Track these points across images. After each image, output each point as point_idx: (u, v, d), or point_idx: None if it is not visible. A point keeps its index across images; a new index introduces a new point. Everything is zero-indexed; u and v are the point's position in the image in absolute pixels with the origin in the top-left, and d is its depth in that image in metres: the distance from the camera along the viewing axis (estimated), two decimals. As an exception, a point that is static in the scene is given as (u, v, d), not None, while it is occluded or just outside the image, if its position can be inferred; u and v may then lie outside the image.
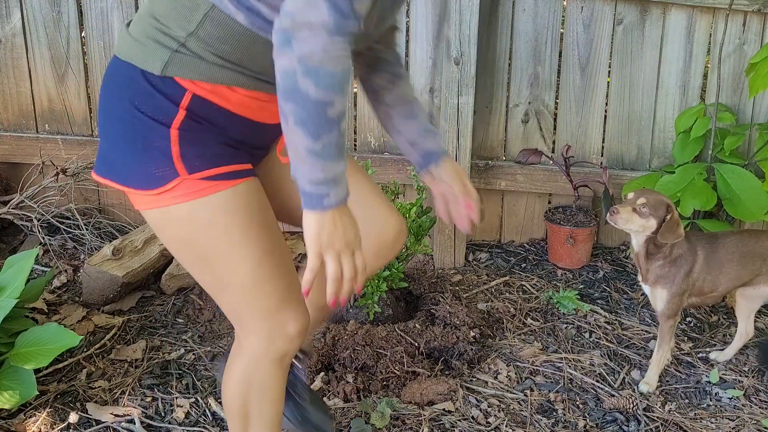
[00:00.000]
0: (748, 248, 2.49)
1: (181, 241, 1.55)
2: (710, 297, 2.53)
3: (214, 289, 1.59)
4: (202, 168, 1.47)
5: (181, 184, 1.47)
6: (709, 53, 3.10)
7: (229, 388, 1.67)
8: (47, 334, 2.26)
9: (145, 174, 1.47)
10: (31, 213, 3.07)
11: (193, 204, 1.48)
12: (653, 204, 2.35)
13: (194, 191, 1.47)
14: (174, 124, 1.45)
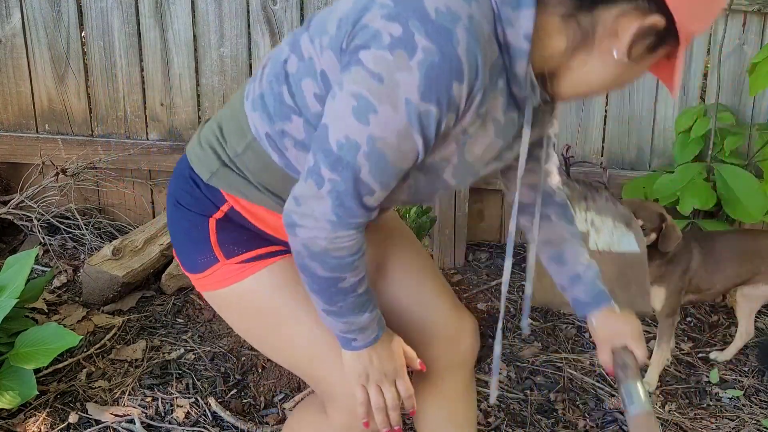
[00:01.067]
0: (746, 247, 2.50)
1: (238, 325, 1.56)
2: (708, 294, 2.54)
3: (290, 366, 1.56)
4: (238, 252, 1.48)
5: (222, 269, 1.48)
6: (709, 53, 3.10)
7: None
8: (47, 334, 2.26)
9: (193, 261, 1.51)
10: (31, 213, 3.07)
11: (235, 288, 1.49)
12: (648, 217, 2.37)
13: (234, 275, 1.48)
14: (213, 216, 1.48)
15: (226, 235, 1.49)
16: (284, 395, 2.38)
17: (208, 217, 1.48)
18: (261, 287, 1.50)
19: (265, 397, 2.37)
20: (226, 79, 3.13)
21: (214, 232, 1.49)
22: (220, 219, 1.48)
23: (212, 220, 1.48)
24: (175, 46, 3.08)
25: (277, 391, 2.40)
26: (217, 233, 1.49)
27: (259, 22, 3.06)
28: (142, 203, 3.23)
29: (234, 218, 1.49)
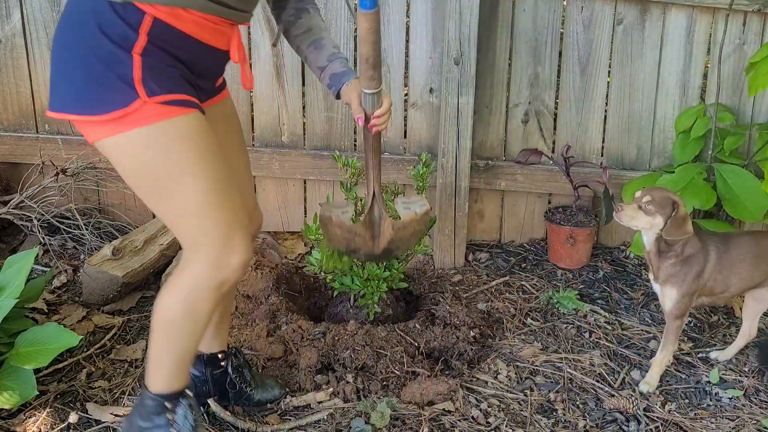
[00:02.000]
0: (761, 250, 2.48)
1: (140, 168, 1.65)
2: (721, 297, 2.52)
3: (170, 216, 1.73)
4: (160, 92, 1.60)
5: (142, 108, 1.58)
6: (709, 53, 3.10)
7: (165, 300, 1.81)
8: (47, 334, 2.26)
9: (105, 99, 1.58)
10: (31, 213, 3.07)
11: (152, 128, 1.60)
12: (659, 201, 2.34)
13: (154, 114, 1.59)
14: (136, 49, 1.58)
15: (149, 74, 1.59)
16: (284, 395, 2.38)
17: (131, 51, 1.57)
18: (180, 132, 1.63)
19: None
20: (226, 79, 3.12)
21: (139, 68, 1.58)
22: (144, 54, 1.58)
23: (136, 55, 1.58)
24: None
25: (277, 391, 2.40)
26: (142, 70, 1.58)
27: (259, 23, 3.06)
28: (141, 203, 3.23)
29: (158, 36, 1.60)
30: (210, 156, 1.69)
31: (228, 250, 1.74)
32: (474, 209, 3.32)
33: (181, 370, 1.91)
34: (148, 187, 1.69)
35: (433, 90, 3.12)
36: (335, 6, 3.02)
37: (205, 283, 1.77)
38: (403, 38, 3.07)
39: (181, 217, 1.72)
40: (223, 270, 1.75)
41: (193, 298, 1.78)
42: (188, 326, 1.83)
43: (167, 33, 1.62)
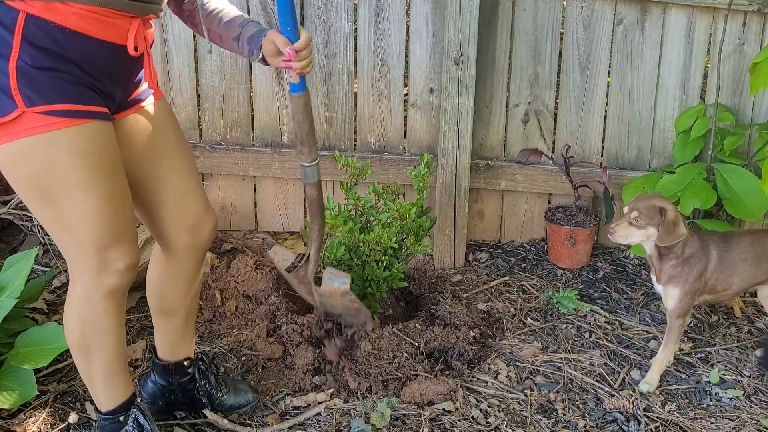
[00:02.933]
0: (763, 249, 2.49)
1: (23, 179, 1.60)
2: (724, 295, 2.53)
3: (52, 228, 1.69)
4: (40, 102, 1.52)
5: (21, 118, 1.52)
6: (709, 53, 3.10)
7: (67, 324, 1.82)
8: (47, 334, 2.26)
9: None
10: (31, 213, 3.07)
11: (33, 140, 1.54)
12: (647, 212, 2.36)
13: (35, 126, 1.52)
14: (12, 56, 1.49)
15: (27, 83, 1.51)
16: (284, 395, 2.38)
17: (7, 59, 1.49)
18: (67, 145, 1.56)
19: (265, 397, 2.37)
20: (226, 79, 3.13)
21: (14, 77, 1.50)
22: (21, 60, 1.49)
23: (12, 63, 1.49)
24: (175, 46, 3.08)
25: (277, 391, 2.40)
26: (18, 79, 1.50)
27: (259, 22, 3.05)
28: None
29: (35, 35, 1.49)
30: (97, 171, 1.62)
31: (109, 258, 1.72)
32: (474, 209, 3.32)
33: (119, 382, 1.91)
34: (32, 199, 1.65)
35: (433, 90, 3.12)
36: (335, 6, 3.02)
37: (94, 294, 1.76)
38: (403, 38, 3.07)
39: (60, 229, 1.68)
40: (108, 278, 1.74)
41: (89, 311, 1.78)
42: (99, 339, 1.82)
43: (45, 30, 1.51)
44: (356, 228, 2.52)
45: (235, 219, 3.33)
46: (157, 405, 2.21)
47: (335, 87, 3.12)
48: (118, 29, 1.63)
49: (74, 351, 1.85)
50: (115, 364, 1.88)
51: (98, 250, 1.70)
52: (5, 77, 1.50)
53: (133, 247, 1.77)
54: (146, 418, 1.96)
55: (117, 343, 1.86)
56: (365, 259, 2.54)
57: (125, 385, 1.93)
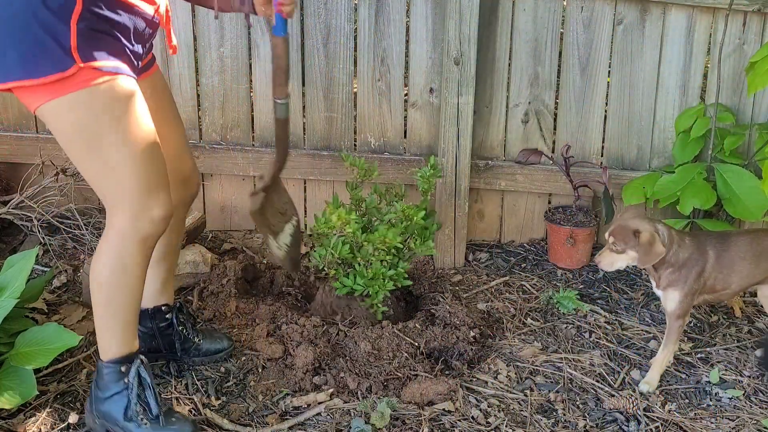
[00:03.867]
0: (762, 247, 2.49)
1: (74, 128, 1.81)
2: (723, 294, 2.54)
3: (97, 175, 1.88)
4: (95, 59, 1.76)
5: (78, 73, 1.74)
6: (709, 53, 3.10)
7: (98, 261, 1.97)
8: (47, 334, 2.26)
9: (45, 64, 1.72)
10: (31, 213, 3.07)
11: (88, 91, 1.76)
12: (622, 237, 2.39)
13: (89, 78, 1.75)
14: (73, 18, 1.72)
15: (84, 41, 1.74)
16: (284, 395, 2.38)
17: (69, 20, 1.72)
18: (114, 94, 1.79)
19: (265, 397, 2.37)
20: (226, 79, 3.13)
21: (75, 36, 1.73)
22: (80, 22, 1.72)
23: (73, 24, 1.72)
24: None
25: (277, 391, 2.40)
26: (78, 38, 1.73)
27: (259, 22, 3.06)
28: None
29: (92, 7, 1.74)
30: (138, 119, 1.85)
31: (148, 203, 1.90)
32: (474, 209, 3.32)
33: (129, 333, 2.06)
34: (80, 146, 1.84)
35: (433, 90, 3.12)
36: (335, 6, 3.02)
37: (129, 237, 1.93)
38: (403, 38, 3.07)
39: (105, 175, 1.87)
40: (145, 223, 1.92)
41: (121, 252, 1.94)
42: (123, 282, 1.98)
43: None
44: (358, 228, 2.52)
45: (235, 219, 3.33)
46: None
47: (335, 87, 3.12)
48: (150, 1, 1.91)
49: (97, 290, 2.00)
50: (130, 314, 2.04)
51: (140, 194, 1.89)
52: (66, 36, 1.72)
53: (168, 199, 1.96)
54: (148, 372, 2.08)
55: (135, 294, 2.02)
56: (369, 259, 2.54)
57: (132, 338, 2.07)
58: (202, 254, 2.92)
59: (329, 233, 2.52)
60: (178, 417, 2.12)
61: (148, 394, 2.06)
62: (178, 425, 2.09)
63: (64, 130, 1.83)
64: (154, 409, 2.06)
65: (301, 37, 3.07)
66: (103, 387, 2.07)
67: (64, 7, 1.72)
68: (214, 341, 2.49)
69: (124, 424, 2.05)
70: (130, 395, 2.04)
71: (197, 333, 2.47)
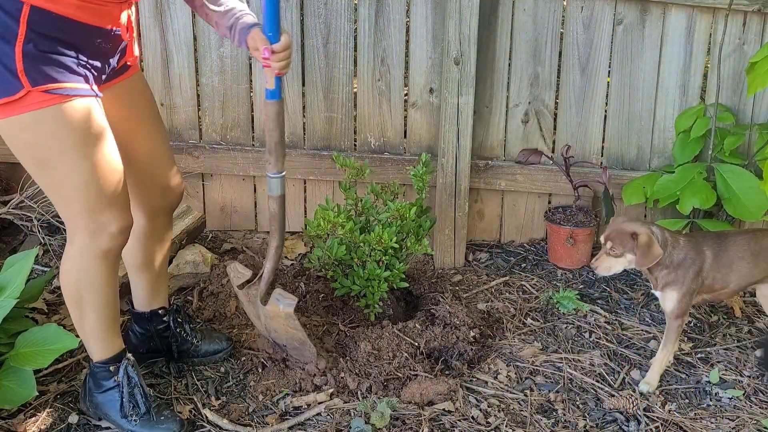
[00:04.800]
0: (760, 246, 2.49)
1: (24, 147, 1.85)
2: (722, 294, 2.54)
3: (50, 191, 1.93)
4: (43, 82, 1.76)
5: (27, 96, 1.75)
6: (709, 53, 3.10)
7: (63, 279, 2.03)
8: (47, 334, 2.26)
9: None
10: (31, 213, 3.07)
11: (36, 114, 1.78)
12: (620, 240, 2.38)
13: (38, 101, 1.76)
14: (18, 40, 1.73)
15: (32, 65, 1.74)
16: (284, 395, 2.38)
17: (14, 44, 1.72)
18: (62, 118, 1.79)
19: (265, 397, 2.37)
20: (226, 79, 3.13)
21: (21, 60, 1.74)
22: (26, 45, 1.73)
23: (18, 47, 1.73)
24: (175, 46, 3.08)
25: (277, 391, 2.40)
26: (24, 62, 1.74)
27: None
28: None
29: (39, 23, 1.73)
30: (91, 139, 1.85)
31: (103, 220, 1.92)
32: (474, 209, 3.32)
33: (109, 337, 2.12)
34: (32, 165, 1.89)
35: (433, 90, 3.12)
36: (335, 6, 3.02)
37: (89, 253, 1.96)
38: (403, 38, 3.07)
39: (58, 194, 1.91)
40: (103, 239, 1.94)
41: (84, 267, 1.98)
42: (91, 296, 2.02)
43: (47, 19, 1.75)
44: (356, 228, 2.52)
45: (235, 219, 3.33)
46: (138, 353, 2.37)
47: (335, 87, 3.12)
48: (108, 15, 1.86)
49: (69, 304, 2.06)
50: (106, 320, 2.09)
51: (91, 213, 1.90)
52: (13, 61, 1.73)
53: (124, 213, 1.97)
54: (135, 370, 2.16)
55: (108, 301, 2.06)
56: (365, 259, 2.54)
57: (115, 340, 2.14)
58: (202, 254, 2.92)
59: (322, 235, 2.52)
60: (167, 415, 2.17)
61: (137, 392, 2.14)
62: (167, 424, 2.14)
63: (17, 149, 1.87)
64: (142, 406, 2.14)
65: (301, 37, 3.07)
66: (96, 384, 2.17)
67: (9, 31, 1.73)
68: (213, 342, 2.51)
69: (119, 420, 2.15)
70: (122, 393, 2.13)
71: (196, 334, 2.48)
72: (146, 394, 2.16)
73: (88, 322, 2.08)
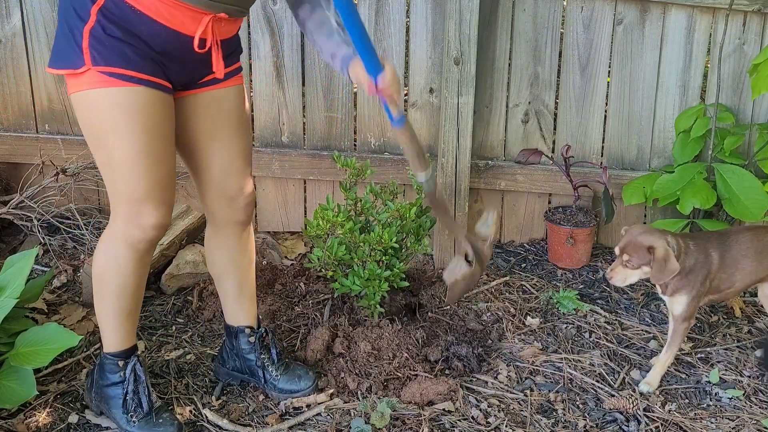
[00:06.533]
0: (762, 244, 2.49)
1: (83, 124, 1.91)
2: (728, 293, 2.53)
3: (102, 170, 1.96)
4: (102, 63, 1.81)
5: (87, 73, 1.81)
6: (709, 53, 3.10)
7: (95, 257, 2.07)
8: (47, 334, 2.26)
9: (68, 59, 1.83)
10: (31, 213, 3.07)
11: (93, 93, 1.83)
12: (635, 253, 2.34)
13: (96, 82, 1.82)
14: (88, 23, 1.79)
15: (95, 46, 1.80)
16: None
17: (85, 22, 1.79)
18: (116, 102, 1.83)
19: (265, 397, 2.37)
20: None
21: (87, 38, 1.80)
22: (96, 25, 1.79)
23: (87, 26, 1.79)
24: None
25: (277, 391, 2.40)
26: (90, 40, 1.80)
27: (259, 22, 3.06)
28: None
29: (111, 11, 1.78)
30: (144, 128, 1.87)
31: (139, 210, 1.94)
32: (474, 209, 3.32)
33: (124, 330, 2.12)
34: (89, 141, 1.93)
35: (433, 90, 3.12)
36: (335, 6, 3.01)
37: (120, 239, 1.99)
38: (403, 38, 3.07)
39: (106, 173, 1.95)
40: (134, 228, 1.96)
41: (113, 253, 2.02)
42: (116, 282, 2.05)
43: (120, 7, 1.79)
44: (356, 228, 2.52)
45: (235, 219, 3.32)
46: (225, 367, 2.40)
47: (335, 87, 3.12)
48: (187, 21, 1.85)
49: (94, 283, 2.09)
50: (124, 311, 2.09)
51: (130, 200, 1.94)
52: (80, 38, 1.80)
53: (162, 209, 1.97)
54: (143, 370, 2.15)
55: (130, 293, 2.07)
56: (366, 259, 2.54)
57: (129, 335, 2.14)
58: (202, 254, 2.92)
59: (322, 235, 2.52)
60: (165, 418, 2.15)
61: (141, 392, 2.13)
62: (164, 427, 2.13)
63: (80, 122, 1.92)
64: (144, 406, 2.13)
65: (301, 37, 3.07)
66: (102, 373, 2.17)
67: (83, 7, 1.80)
68: (292, 380, 2.35)
69: (120, 415, 2.14)
70: (126, 390, 2.12)
71: (278, 366, 2.35)
72: (150, 395, 2.15)
73: (106, 308, 2.09)
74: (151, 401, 2.15)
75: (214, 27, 1.90)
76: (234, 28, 2.01)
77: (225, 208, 2.19)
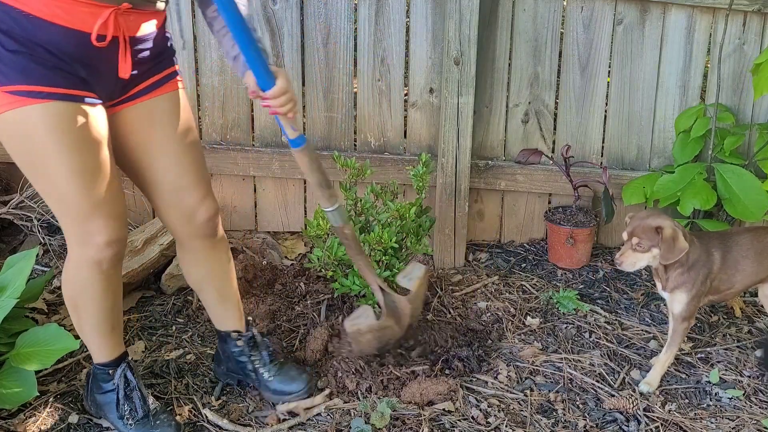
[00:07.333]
0: (762, 245, 2.49)
1: (10, 150, 1.76)
2: (728, 294, 2.53)
3: (44, 196, 1.84)
4: (5, 83, 1.65)
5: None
6: (709, 53, 3.10)
7: (63, 284, 2.00)
8: (48, 334, 2.26)
9: None
10: (31, 213, 3.07)
11: (7, 116, 1.68)
12: (644, 235, 2.34)
13: (4, 103, 1.66)
14: None
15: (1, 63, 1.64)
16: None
17: None
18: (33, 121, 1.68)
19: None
20: (226, 79, 3.13)
21: None
22: None
23: None
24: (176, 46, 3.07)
25: (277, 391, 2.40)
26: None
27: (259, 22, 3.06)
28: (141, 203, 3.23)
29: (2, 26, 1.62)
30: (69, 147, 1.73)
31: (87, 230, 1.84)
32: (474, 209, 3.32)
33: (108, 342, 2.10)
34: (23, 170, 1.80)
35: (433, 90, 3.12)
36: (335, 6, 3.02)
37: (79, 261, 1.91)
38: (403, 38, 3.07)
39: (48, 199, 1.83)
40: (90, 249, 1.87)
41: (78, 277, 1.95)
42: (89, 305, 2.00)
43: (11, 15, 1.63)
44: (356, 228, 2.52)
45: (235, 219, 3.33)
46: (221, 368, 2.39)
47: (335, 87, 3.12)
48: (87, 18, 1.68)
49: (68, 308, 2.03)
50: (103, 327, 2.05)
51: (76, 221, 1.84)
52: None
53: (113, 223, 1.87)
54: (135, 375, 2.15)
55: (104, 309, 2.01)
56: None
57: (115, 345, 2.12)
58: (202, 254, 2.92)
59: (322, 235, 2.52)
60: (163, 419, 2.14)
61: (135, 396, 2.13)
62: (161, 428, 2.12)
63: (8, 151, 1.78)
64: (139, 410, 2.13)
65: (301, 37, 3.07)
66: (96, 384, 2.18)
67: None
68: (287, 382, 2.31)
69: (116, 421, 2.14)
70: (119, 396, 2.12)
71: (271, 368, 2.32)
72: (145, 398, 2.14)
73: (86, 327, 2.06)
74: (146, 404, 2.14)
75: (119, 21, 1.73)
76: (148, 24, 1.83)
77: (185, 225, 2.07)
